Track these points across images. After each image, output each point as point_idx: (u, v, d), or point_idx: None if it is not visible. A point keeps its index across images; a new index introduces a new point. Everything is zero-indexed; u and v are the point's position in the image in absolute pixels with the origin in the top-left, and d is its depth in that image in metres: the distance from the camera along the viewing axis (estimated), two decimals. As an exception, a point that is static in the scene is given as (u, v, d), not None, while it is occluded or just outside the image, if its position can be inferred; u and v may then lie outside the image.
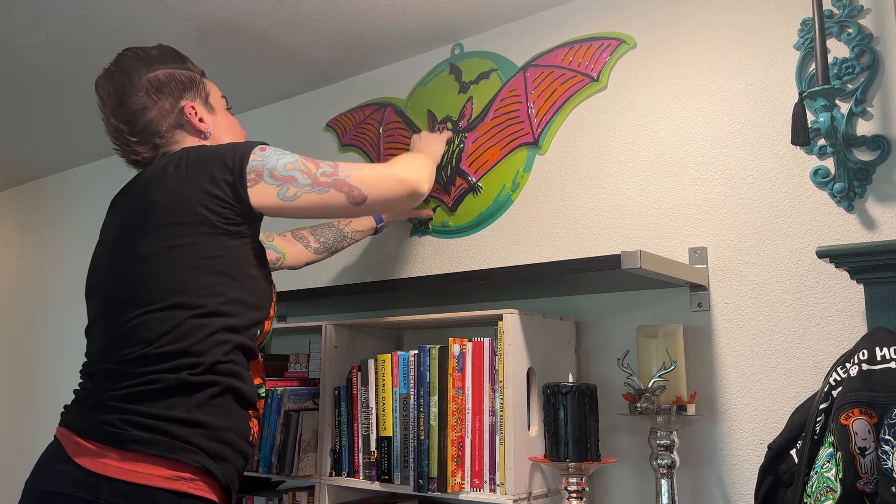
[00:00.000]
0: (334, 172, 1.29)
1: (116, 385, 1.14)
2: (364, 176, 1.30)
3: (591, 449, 1.60)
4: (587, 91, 1.98)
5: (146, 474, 1.06)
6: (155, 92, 1.39)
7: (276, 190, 1.25)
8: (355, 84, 2.52)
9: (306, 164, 1.31)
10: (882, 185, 1.56)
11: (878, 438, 1.23)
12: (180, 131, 1.40)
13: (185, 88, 1.42)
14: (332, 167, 1.31)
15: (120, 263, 1.25)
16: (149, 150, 1.40)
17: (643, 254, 1.46)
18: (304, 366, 2.18)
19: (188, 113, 1.41)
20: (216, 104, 1.48)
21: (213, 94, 1.48)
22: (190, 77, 1.44)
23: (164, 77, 1.40)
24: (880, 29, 1.59)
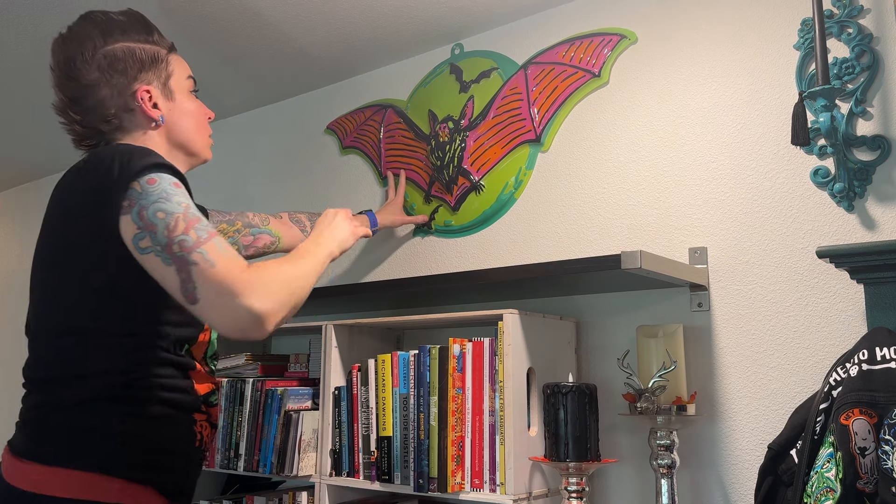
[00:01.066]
0: (191, 248, 1.04)
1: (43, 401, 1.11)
2: (211, 276, 1.03)
3: (591, 449, 1.60)
4: (589, 87, 1.98)
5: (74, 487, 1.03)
6: (108, 68, 1.23)
7: (134, 232, 1.07)
8: (355, 84, 2.52)
9: (177, 221, 1.06)
10: (882, 185, 1.55)
11: (878, 438, 1.23)
12: (129, 116, 1.25)
13: (143, 68, 1.26)
14: (194, 240, 1.05)
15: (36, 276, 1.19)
16: (92, 134, 1.27)
17: (643, 254, 1.46)
18: (304, 366, 2.18)
19: (140, 97, 1.25)
20: (178, 87, 1.32)
21: (176, 75, 1.32)
22: (152, 54, 1.28)
23: (121, 52, 1.24)
24: (880, 29, 1.59)
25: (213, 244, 1.06)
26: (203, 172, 2.98)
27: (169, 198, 1.09)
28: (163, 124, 1.28)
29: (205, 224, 1.08)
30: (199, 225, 1.07)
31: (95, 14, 1.29)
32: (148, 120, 1.26)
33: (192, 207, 1.10)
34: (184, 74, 1.35)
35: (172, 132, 1.29)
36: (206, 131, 1.35)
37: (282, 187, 2.68)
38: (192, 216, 1.08)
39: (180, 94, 1.31)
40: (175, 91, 1.31)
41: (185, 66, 1.37)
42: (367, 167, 2.44)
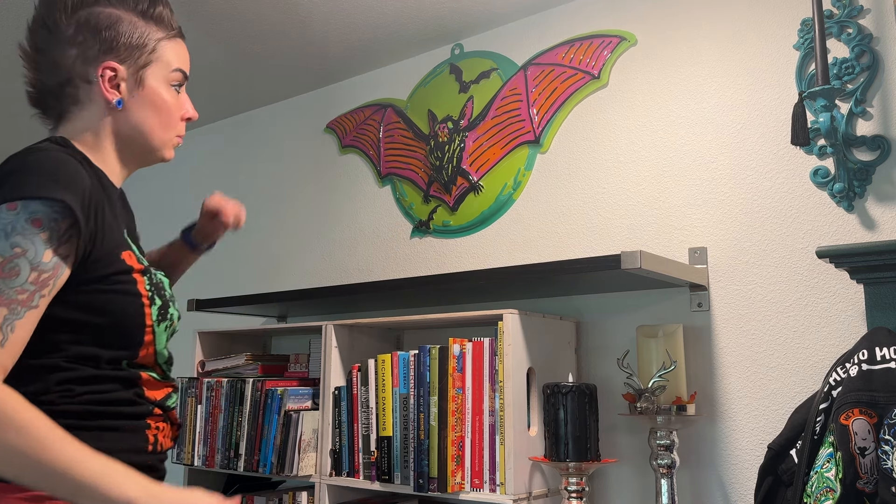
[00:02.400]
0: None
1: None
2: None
3: (591, 449, 1.60)
4: (588, 88, 1.98)
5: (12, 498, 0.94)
6: (85, 29, 1.11)
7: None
8: (355, 84, 2.53)
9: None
10: (882, 185, 1.56)
11: (877, 438, 1.23)
12: (86, 88, 1.12)
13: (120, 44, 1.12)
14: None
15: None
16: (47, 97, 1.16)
17: (643, 254, 1.46)
18: (304, 366, 2.18)
19: (101, 72, 1.10)
20: (155, 75, 1.15)
21: (160, 64, 1.16)
22: (139, 34, 1.13)
23: (105, 19, 1.11)
24: (880, 29, 1.59)
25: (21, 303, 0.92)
26: (204, 172, 2.98)
27: (8, 234, 0.94)
28: (119, 109, 1.13)
29: (16, 284, 0.93)
30: (11, 283, 0.92)
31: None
32: (105, 101, 1.12)
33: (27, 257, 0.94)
34: (172, 65, 1.18)
35: (129, 121, 1.14)
36: (172, 129, 1.19)
37: (281, 186, 2.68)
38: (9, 269, 0.93)
39: (155, 83, 1.15)
40: (148, 79, 1.14)
41: (181, 56, 1.21)
42: (367, 166, 2.44)
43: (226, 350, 2.34)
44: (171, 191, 3.08)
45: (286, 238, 2.64)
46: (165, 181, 3.11)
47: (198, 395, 2.20)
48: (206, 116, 2.91)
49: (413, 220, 2.29)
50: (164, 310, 1.11)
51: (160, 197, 3.11)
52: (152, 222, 3.13)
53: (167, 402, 1.15)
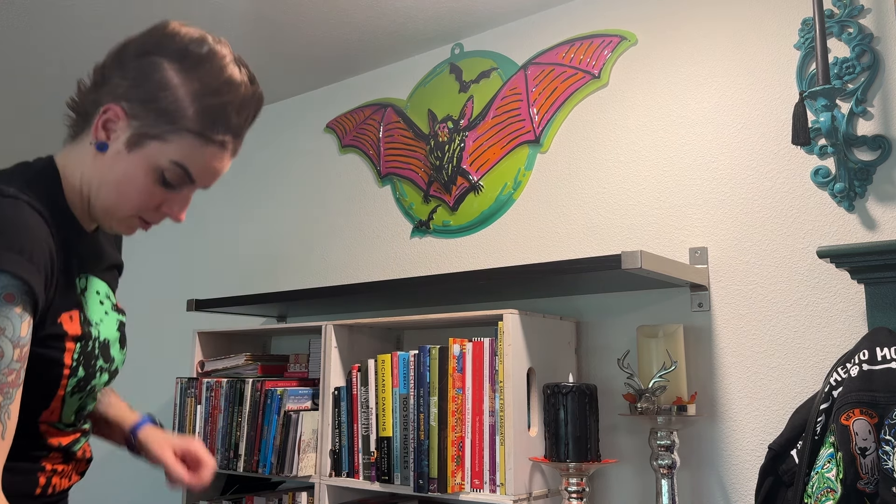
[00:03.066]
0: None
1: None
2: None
3: (591, 449, 1.59)
4: (588, 88, 1.98)
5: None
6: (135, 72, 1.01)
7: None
8: (355, 84, 2.52)
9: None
10: (882, 185, 1.55)
11: (878, 439, 1.22)
12: (83, 121, 1.05)
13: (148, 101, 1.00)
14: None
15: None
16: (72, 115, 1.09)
17: (643, 254, 1.45)
18: (304, 366, 2.18)
19: (103, 110, 1.00)
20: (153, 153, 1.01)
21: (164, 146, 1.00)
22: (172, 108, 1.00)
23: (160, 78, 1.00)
24: (881, 29, 1.58)
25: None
26: (202, 172, 2.98)
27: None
28: (95, 151, 1.02)
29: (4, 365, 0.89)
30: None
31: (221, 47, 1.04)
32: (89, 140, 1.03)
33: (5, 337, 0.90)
34: (175, 157, 1.01)
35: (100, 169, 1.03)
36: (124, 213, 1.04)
37: (281, 186, 2.68)
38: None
39: (146, 160, 1.01)
40: (143, 150, 1.00)
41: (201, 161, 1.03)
42: (366, 166, 2.44)
43: (225, 350, 2.34)
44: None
45: (286, 238, 2.63)
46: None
47: (197, 395, 2.20)
48: (205, 116, 2.91)
49: (413, 220, 2.29)
50: (85, 382, 1.05)
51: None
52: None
53: (73, 447, 1.11)
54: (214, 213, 2.90)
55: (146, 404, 2.87)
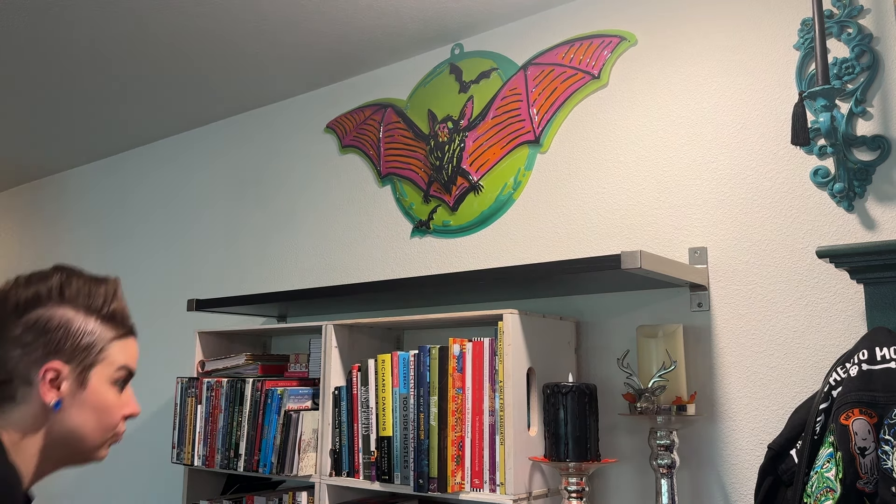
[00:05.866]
0: None
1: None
2: None
3: (591, 449, 1.60)
4: (588, 88, 1.98)
5: None
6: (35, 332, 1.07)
7: None
8: (355, 84, 2.53)
9: None
10: (882, 185, 1.55)
11: (878, 438, 1.23)
12: (25, 389, 1.06)
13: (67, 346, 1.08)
14: None
15: None
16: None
17: (643, 254, 1.46)
18: (304, 366, 2.18)
19: (41, 374, 1.05)
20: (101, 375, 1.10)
21: (106, 364, 1.11)
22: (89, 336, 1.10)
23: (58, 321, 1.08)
24: (880, 29, 1.59)
25: None
26: (204, 172, 2.98)
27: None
28: (55, 412, 1.07)
29: None
30: None
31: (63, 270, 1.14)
32: (41, 401, 1.06)
33: None
34: (118, 363, 1.12)
35: (65, 423, 1.08)
36: (111, 430, 1.12)
37: (281, 186, 2.68)
38: None
39: (98, 385, 1.10)
40: (92, 378, 1.09)
41: (130, 354, 1.15)
42: (366, 166, 2.44)
43: (226, 350, 2.34)
44: (171, 191, 3.08)
45: (286, 238, 2.64)
46: (165, 181, 3.11)
47: (198, 395, 2.20)
48: (206, 116, 2.91)
49: (413, 220, 2.29)
50: None
51: (158, 198, 3.11)
52: (148, 223, 3.13)
53: None
54: (214, 213, 2.90)
55: (147, 404, 2.88)
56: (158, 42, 2.27)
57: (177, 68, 2.46)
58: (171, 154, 3.12)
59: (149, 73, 2.50)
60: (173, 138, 3.13)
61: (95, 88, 2.63)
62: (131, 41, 2.27)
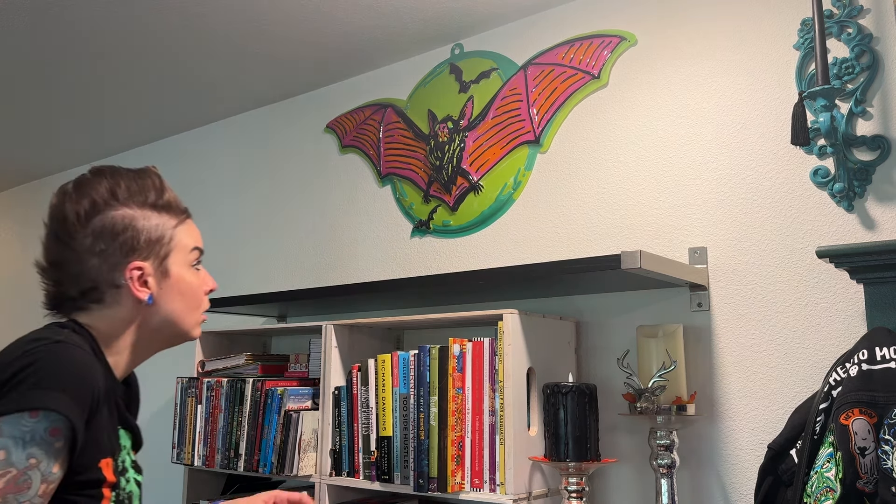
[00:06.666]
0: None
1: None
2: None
3: (591, 449, 1.60)
4: (588, 88, 1.98)
5: None
6: (103, 237, 1.10)
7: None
8: (355, 84, 2.53)
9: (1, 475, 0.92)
10: (882, 185, 1.55)
11: (877, 438, 1.23)
12: (113, 292, 1.10)
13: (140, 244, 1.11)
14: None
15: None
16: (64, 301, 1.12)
17: (643, 254, 1.46)
18: (304, 366, 2.18)
19: (128, 276, 1.10)
20: (178, 262, 1.16)
21: (178, 250, 1.16)
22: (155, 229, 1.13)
23: (121, 221, 1.11)
24: (880, 29, 1.59)
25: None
26: (204, 172, 2.98)
27: (26, 444, 0.92)
28: (152, 304, 1.13)
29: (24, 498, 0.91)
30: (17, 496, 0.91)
31: (105, 172, 1.15)
32: (134, 300, 1.11)
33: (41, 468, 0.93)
34: (189, 246, 1.18)
35: (160, 313, 1.14)
36: (200, 308, 1.20)
37: (281, 186, 2.68)
38: (22, 482, 0.91)
39: (179, 270, 1.15)
40: (172, 267, 1.15)
41: (194, 235, 1.21)
42: (366, 166, 2.44)
43: (226, 350, 2.34)
44: (171, 191, 3.08)
45: (286, 238, 2.64)
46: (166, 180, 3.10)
47: (198, 395, 2.20)
48: (205, 116, 2.91)
49: (413, 220, 2.29)
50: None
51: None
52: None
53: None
54: (214, 213, 2.90)
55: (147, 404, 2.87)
56: (158, 42, 2.27)
57: (177, 68, 2.46)
58: (170, 154, 3.12)
59: (149, 73, 2.50)
60: (173, 138, 3.13)
61: (95, 88, 2.62)
62: (131, 41, 2.26)
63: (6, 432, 0.92)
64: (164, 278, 1.14)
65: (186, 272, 1.17)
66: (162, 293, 1.14)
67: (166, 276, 1.14)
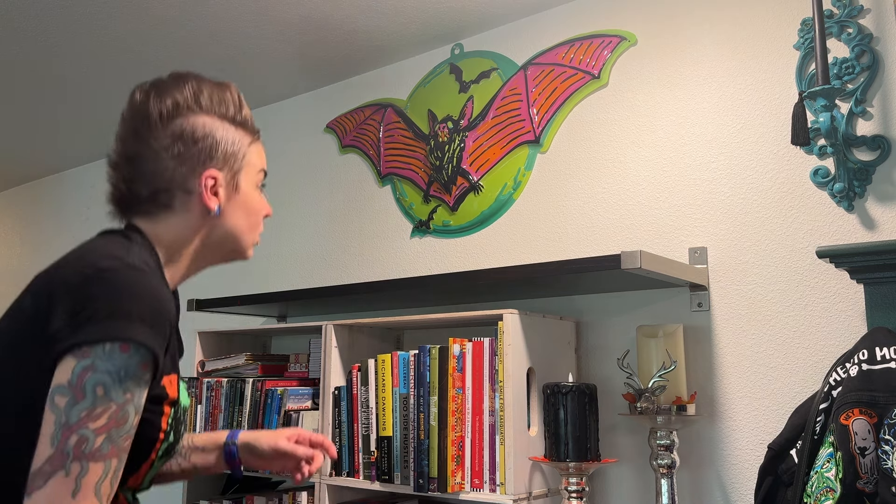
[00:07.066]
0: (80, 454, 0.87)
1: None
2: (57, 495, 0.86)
3: (591, 449, 1.60)
4: (588, 88, 1.98)
5: None
6: (182, 140, 1.09)
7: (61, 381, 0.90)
8: (355, 84, 2.53)
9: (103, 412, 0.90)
10: (882, 185, 1.55)
11: (878, 438, 1.23)
12: (183, 197, 1.10)
13: (218, 153, 1.12)
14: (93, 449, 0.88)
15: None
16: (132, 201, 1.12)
17: (643, 254, 1.46)
18: (304, 366, 2.18)
19: (203, 182, 1.10)
20: (247, 179, 1.16)
21: (249, 168, 1.16)
22: (233, 142, 1.14)
23: (201, 129, 1.11)
24: (880, 29, 1.59)
25: (101, 468, 0.88)
26: (203, 172, 2.98)
27: (122, 379, 0.91)
28: (218, 216, 1.12)
29: (124, 431, 0.91)
30: (117, 431, 0.90)
31: (189, 77, 1.15)
32: (203, 208, 1.11)
33: (133, 402, 0.92)
34: (258, 167, 1.18)
35: (224, 226, 1.14)
36: (258, 229, 1.20)
37: (281, 186, 2.68)
38: (121, 417, 0.91)
39: (247, 188, 1.16)
40: (242, 183, 1.15)
41: (263, 156, 1.21)
42: (366, 166, 2.44)
43: (226, 350, 2.34)
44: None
45: (286, 238, 2.64)
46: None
47: (198, 394, 2.20)
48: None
49: (413, 220, 2.29)
50: (172, 447, 1.08)
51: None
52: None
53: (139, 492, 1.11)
54: (214, 213, 2.90)
55: (146, 404, 2.87)
56: (159, 42, 2.27)
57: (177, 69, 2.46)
58: (171, 154, 3.12)
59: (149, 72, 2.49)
60: (173, 138, 3.13)
61: (96, 88, 2.62)
62: (132, 41, 2.26)
63: (101, 367, 0.90)
64: (233, 192, 1.14)
65: (253, 191, 1.17)
66: (229, 207, 1.14)
67: (236, 190, 1.14)
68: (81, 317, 0.92)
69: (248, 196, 1.16)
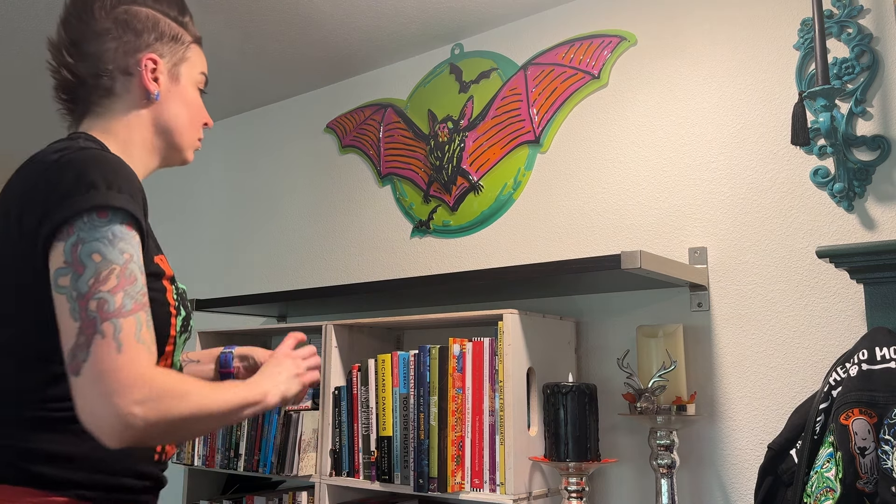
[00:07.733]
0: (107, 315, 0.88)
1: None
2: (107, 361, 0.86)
3: (591, 449, 1.60)
4: (588, 88, 1.98)
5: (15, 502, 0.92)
6: (125, 23, 1.11)
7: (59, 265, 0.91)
8: (355, 84, 2.53)
9: (110, 273, 0.90)
10: (882, 185, 1.56)
11: (877, 438, 1.23)
12: (124, 80, 1.11)
13: (160, 39, 1.14)
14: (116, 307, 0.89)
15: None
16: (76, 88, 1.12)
17: (643, 254, 1.46)
18: (304, 366, 2.18)
19: (144, 63, 1.11)
20: (188, 75, 1.18)
21: (190, 63, 1.18)
22: (175, 32, 1.16)
23: (144, 15, 1.13)
24: (880, 29, 1.59)
25: (133, 321, 0.89)
26: (203, 173, 2.98)
27: (114, 241, 0.92)
28: (156, 101, 1.14)
29: (138, 288, 0.92)
30: (132, 288, 0.91)
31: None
32: (143, 91, 1.12)
33: (135, 261, 0.93)
34: (199, 68, 1.21)
35: (163, 115, 1.15)
36: (196, 131, 1.21)
37: (282, 186, 2.68)
38: (130, 274, 0.92)
39: (187, 83, 1.17)
40: (183, 77, 1.17)
41: (204, 62, 1.23)
42: (366, 166, 2.44)
43: (226, 350, 2.33)
44: (170, 191, 3.08)
45: (286, 238, 2.64)
46: (164, 180, 3.11)
47: (198, 395, 2.19)
48: (206, 116, 2.91)
49: (413, 220, 2.29)
50: (187, 322, 1.09)
51: (157, 198, 3.11)
52: (152, 222, 3.13)
53: None
54: (215, 212, 2.90)
55: (146, 404, 2.87)
56: None
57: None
58: (171, 154, 3.12)
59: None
60: (173, 138, 3.13)
61: (95, 88, 2.62)
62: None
63: (88, 237, 0.91)
64: (173, 82, 1.16)
65: (194, 89, 1.19)
66: (169, 95, 1.15)
67: (176, 80, 1.16)
68: (51, 203, 0.93)
69: (188, 91, 1.18)
